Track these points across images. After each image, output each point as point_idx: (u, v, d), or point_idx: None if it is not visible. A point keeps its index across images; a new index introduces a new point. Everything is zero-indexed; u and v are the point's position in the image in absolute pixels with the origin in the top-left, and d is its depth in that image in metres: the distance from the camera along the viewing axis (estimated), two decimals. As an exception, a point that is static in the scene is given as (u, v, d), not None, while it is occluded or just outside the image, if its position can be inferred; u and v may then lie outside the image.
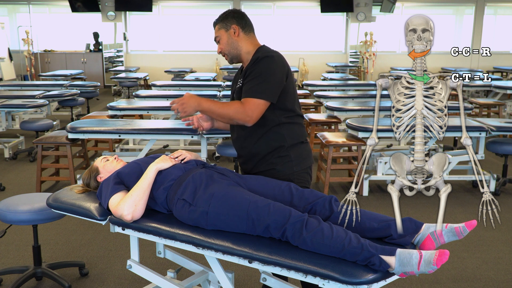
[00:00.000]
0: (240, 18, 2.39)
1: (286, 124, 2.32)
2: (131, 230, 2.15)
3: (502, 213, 2.20)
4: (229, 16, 2.38)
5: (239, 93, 2.33)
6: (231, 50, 2.39)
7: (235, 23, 2.37)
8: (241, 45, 2.38)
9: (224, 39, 2.38)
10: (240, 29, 2.37)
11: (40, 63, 13.49)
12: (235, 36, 2.37)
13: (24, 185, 5.09)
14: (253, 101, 2.20)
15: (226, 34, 2.38)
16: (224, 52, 2.41)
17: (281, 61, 2.29)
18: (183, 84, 8.26)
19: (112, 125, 4.64)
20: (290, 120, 2.33)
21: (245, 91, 2.24)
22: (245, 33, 2.39)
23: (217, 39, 2.41)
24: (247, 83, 2.25)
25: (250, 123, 2.22)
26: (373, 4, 13.24)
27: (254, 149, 2.34)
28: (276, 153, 2.32)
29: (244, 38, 2.38)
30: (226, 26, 2.37)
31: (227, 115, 2.23)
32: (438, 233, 1.83)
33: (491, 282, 3.17)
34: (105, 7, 13.19)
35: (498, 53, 13.95)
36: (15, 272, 3.09)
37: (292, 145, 2.33)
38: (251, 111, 2.19)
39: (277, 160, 2.32)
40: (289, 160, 2.32)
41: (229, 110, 2.22)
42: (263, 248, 1.85)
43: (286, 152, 2.32)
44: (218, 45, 2.43)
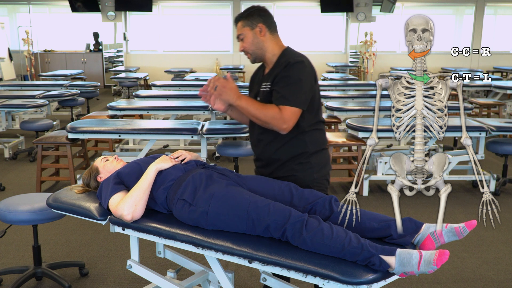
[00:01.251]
0: (266, 17, 2.27)
1: (310, 131, 2.26)
2: (131, 230, 2.15)
3: (502, 213, 2.20)
4: (254, 14, 2.26)
5: (267, 97, 2.23)
6: (255, 50, 2.28)
7: (262, 22, 2.25)
8: (267, 46, 2.27)
9: (248, 38, 2.26)
10: (266, 29, 2.26)
11: (40, 63, 13.49)
12: (261, 36, 2.26)
13: (24, 185, 5.08)
14: (291, 109, 2.13)
15: (251, 33, 2.26)
16: (248, 51, 2.30)
17: (310, 66, 2.23)
18: (183, 84, 8.25)
19: (112, 125, 4.64)
20: (314, 126, 2.27)
21: (280, 98, 2.14)
22: (271, 33, 2.28)
23: (240, 37, 2.29)
24: (280, 89, 2.16)
25: (286, 131, 2.16)
26: (373, 4, 13.24)
27: (275, 155, 2.28)
28: (297, 159, 2.26)
29: (270, 38, 2.28)
30: (251, 24, 2.25)
31: (263, 119, 2.15)
32: (438, 233, 1.83)
33: (491, 282, 3.17)
34: (105, 7, 13.19)
35: (498, 53, 13.95)
36: (15, 272, 3.09)
37: (314, 152, 2.27)
38: (289, 119, 2.12)
39: (298, 167, 2.26)
40: (309, 167, 2.26)
41: (267, 115, 2.14)
42: (263, 248, 1.85)
43: (307, 159, 2.26)
44: (241, 43, 2.30)
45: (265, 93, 2.25)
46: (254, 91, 2.38)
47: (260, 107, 2.16)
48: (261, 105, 2.18)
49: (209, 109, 5.76)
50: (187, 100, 6.34)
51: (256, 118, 2.18)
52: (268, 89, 2.24)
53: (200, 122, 4.83)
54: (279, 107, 2.14)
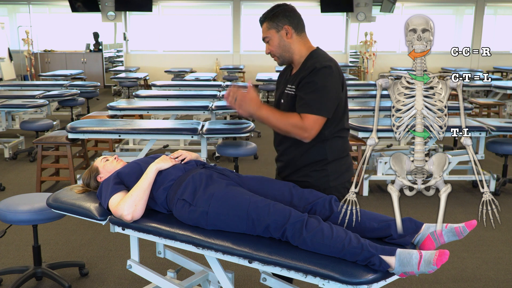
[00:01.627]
0: (292, 17, 2.16)
1: (331, 139, 2.18)
2: (131, 230, 2.15)
3: (502, 213, 2.20)
4: (280, 15, 2.15)
5: (290, 100, 2.18)
6: (282, 53, 2.20)
7: (288, 23, 2.15)
8: (294, 48, 2.18)
9: (275, 41, 2.18)
10: (293, 30, 2.16)
11: (40, 63, 13.49)
12: (287, 38, 2.16)
13: (24, 185, 5.08)
14: (313, 117, 2.05)
15: (277, 36, 2.16)
16: (275, 54, 2.21)
17: (338, 71, 2.12)
18: (183, 84, 8.26)
19: (112, 125, 4.64)
20: (336, 134, 2.19)
21: (303, 105, 2.07)
22: (298, 34, 2.19)
23: (266, 39, 2.20)
24: (304, 95, 2.08)
25: (308, 139, 2.09)
26: (373, 4, 13.24)
27: (293, 159, 2.24)
28: (314, 166, 2.20)
29: (297, 40, 2.18)
30: (277, 26, 2.16)
31: (285, 128, 2.08)
32: (438, 233, 1.83)
33: (491, 282, 3.17)
34: (105, 7, 13.19)
35: (498, 53, 13.94)
36: (15, 272, 3.09)
37: (333, 160, 2.20)
38: (311, 127, 2.05)
39: (313, 174, 2.21)
40: (325, 175, 2.20)
41: (288, 124, 2.07)
42: (263, 248, 1.85)
43: (324, 167, 2.19)
44: (267, 46, 2.21)
45: (289, 97, 2.19)
46: (279, 91, 2.32)
47: (281, 116, 2.09)
48: (282, 114, 2.10)
49: (209, 109, 5.76)
50: (187, 100, 6.35)
51: (278, 128, 2.12)
52: (292, 93, 2.17)
53: (200, 122, 4.83)
54: (301, 115, 2.06)
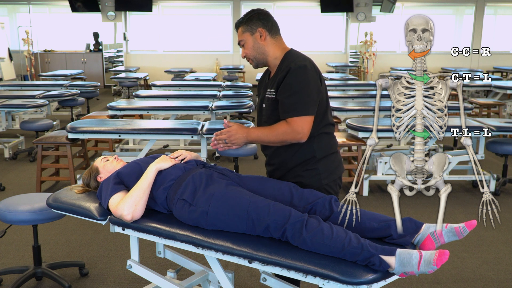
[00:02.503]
0: (266, 20, 2.22)
1: (318, 136, 2.20)
2: (131, 230, 2.15)
3: (502, 213, 2.20)
4: (253, 18, 2.21)
5: (271, 104, 2.21)
6: (257, 55, 2.24)
7: (261, 26, 2.20)
8: (268, 50, 2.23)
9: (249, 44, 2.22)
10: (266, 33, 2.21)
11: (40, 63, 13.49)
12: (261, 41, 2.21)
13: (24, 185, 5.08)
14: (299, 119, 2.09)
15: (252, 38, 2.21)
16: (249, 57, 2.26)
17: (313, 68, 2.15)
18: (183, 84, 8.26)
19: (112, 125, 4.64)
20: (322, 130, 2.21)
21: (287, 110, 2.11)
22: (272, 37, 2.23)
23: (241, 43, 2.25)
24: (285, 99, 2.11)
25: (303, 139, 2.12)
26: (373, 4, 13.24)
27: (284, 160, 2.25)
28: (305, 165, 2.22)
29: (271, 42, 2.22)
30: (251, 29, 2.21)
31: (278, 140, 2.13)
32: (438, 233, 1.83)
33: (491, 282, 3.17)
34: (105, 7, 13.19)
35: (498, 53, 13.95)
36: (15, 272, 3.09)
37: (322, 157, 2.22)
38: (301, 128, 2.09)
39: (305, 173, 2.22)
40: (316, 174, 2.22)
41: (279, 135, 2.12)
42: (263, 248, 1.85)
43: (315, 165, 2.21)
44: (243, 49, 2.26)
45: (270, 100, 2.22)
46: (260, 96, 2.36)
47: (269, 131, 2.14)
48: (269, 129, 2.15)
49: (209, 109, 5.76)
50: (187, 100, 6.35)
51: (272, 142, 2.17)
52: (273, 97, 2.19)
53: (200, 122, 4.83)
54: (287, 120, 2.11)
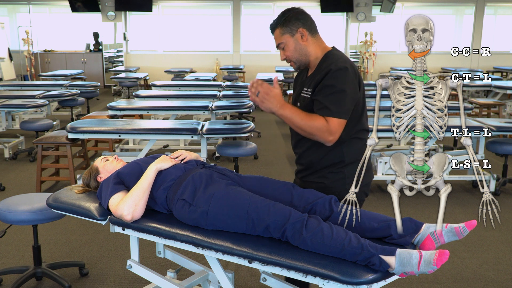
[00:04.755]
0: (305, 19, 2.13)
1: (349, 140, 2.12)
2: (131, 230, 2.15)
3: (502, 213, 2.20)
4: (292, 18, 2.12)
5: (307, 104, 2.12)
6: (299, 57, 2.14)
7: (302, 26, 2.11)
8: (310, 50, 2.13)
9: (290, 46, 2.13)
10: (307, 32, 2.12)
11: (40, 63, 13.49)
12: (303, 41, 2.12)
13: (24, 185, 5.08)
14: (336, 121, 2.00)
15: (293, 40, 2.12)
16: (291, 59, 2.16)
17: (354, 71, 2.07)
18: (183, 84, 8.26)
19: (112, 125, 4.64)
20: (354, 135, 2.14)
21: (323, 108, 2.01)
22: (312, 36, 2.14)
23: (281, 45, 2.15)
24: (322, 99, 2.03)
25: (331, 142, 2.03)
26: (373, 4, 13.24)
27: (312, 162, 2.19)
28: (331, 168, 2.15)
29: (312, 41, 2.14)
30: (291, 31, 2.11)
31: (309, 130, 2.01)
32: (438, 233, 1.83)
33: (491, 282, 3.17)
34: (105, 7, 13.19)
35: (498, 53, 13.95)
36: (15, 272, 3.09)
37: (350, 163, 2.14)
38: (335, 130, 2.00)
39: (330, 175, 2.16)
40: (341, 177, 2.15)
41: (312, 127, 2.00)
42: (263, 248, 1.85)
43: (341, 169, 2.14)
44: (282, 52, 2.16)
45: (306, 100, 2.14)
46: (295, 93, 2.29)
47: (306, 117, 2.02)
48: (307, 116, 2.03)
49: (209, 109, 5.75)
50: (187, 100, 6.35)
51: (301, 129, 2.04)
52: (308, 96, 2.12)
53: (200, 122, 4.84)
54: (325, 118, 2.01)
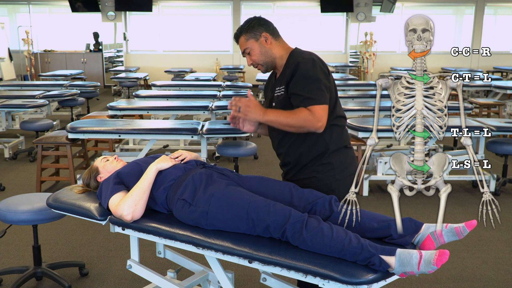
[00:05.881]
0: (267, 25, 2.26)
1: (329, 128, 2.16)
2: (131, 230, 2.15)
3: (502, 213, 2.20)
4: (255, 25, 2.24)
5: (282, 100, 2.19)
6: (265, 59, 2.26)
7: (264, 30, 2.24)
8: (275, 52, 2.25)
9: (256, 50, 2.24)
10: (270, 36, 2.24)
11: (40, 63, 13.49)
12: (267, 44, 2.24)
13: (24, 185, 5.08)
14: (319, 107, 2.07)
15: (257, 44, 2.24)
16: (258, 63, 2.27)
17: (320, 62, 2.17)
18: (183, 84, 8.26)
19: (112, 125, 4.64)
20: (332, 122, 2.19)
21: (304, 100, 2.09)
22: (275, 39, 2.26)
23: (246, 50, 2.27)
24: (299, 91, 2.10)
25: (321, 129, 2.09)
26: (373, 4, 13.24)
27: (300, 157, 2.22)
28: (319, 160, 2.20)
29: (275, 44, 2.26)
30: (255, 36, 2.23)
31: (297, 124, 2.08)
32: (438, 233, 1.83)
33: (491, 282, 3.17)
34: (105, 7, 13.19)
35: (498, 53, 13.95)
36: (15, 272, 3.09)
37: (335, 150, 2.20)
38: (321, 116, 2.06)
39: (319, 168, 2.20)
40: (331, 168, 2.19)
41: (299, 119, 2.07)
42: (263, 248, 1.85)
43: (328, 159, 2.19)
44: (249, 57, 2.28)
45: (280, 97, 2.21)
46: (268, 99, 2.35)
47: (290, 114, 2.10)
48: (290, 112, 2.11)
49: (209, 109, 5.75)
50: (187, 100, 6.35)
51: (290, 125, 2.11)
52: (282, 93, 2.19)
53: (200, 122, 4.84)
54: (308, 108, 2.08)
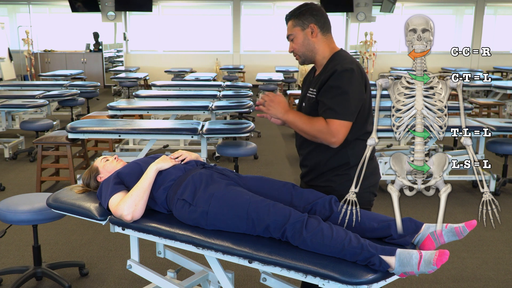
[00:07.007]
0: (319, 16, 2.13)
1: (353, 142, 2.12)
2: (131, 230, 2.15)
3: (502, 213, 2.20)
4: (306, 13, 2.12)
5: (311, 104, 2.14)
6: (305, 52, 2.17)
7: (314, 22, 2.12)
8: (318, 48, 2.15)
9: (299, 39, 2.15)
10: (318, 29, 2.13)
11: (40, 63, 13.49)
12: (312, 37, 2.13)
13: (24, 185, 5.08)
14: (338, 122, 2.00)
15: (302, 34, 2.14)
16: (297, 53, 2.19)
17: (360, 73, 2.07)
18: (183, 84, 8.26)
19: (112, 125, 4.64)
20: (359, 138, 2.12)
21: (326, 110, 2.03)
22: (323, 34, 2.15)
23: (290, 37, 2.17)
24: (326, 100, 2.04)
25: (336, 144, 2.04)
26: (373, 4, 13.24)
27: (317, 164, 2.19)
28: (337, 170, 2.15)
29: (321, 39, 2.15)
30: (302, 24, 2.13)
31: (311, 133, 2.05)
32: (438, 233, 1.83)
33: (491, 282, 3.17)
34: (105, 7, 13.19)
35: (498, 53, 13.95)
36: (15, 272, 3.09)
37: (356, 165, 2.09)
38: (337, 132, 2.00)
39: (335, 178, 2.16)
40: (347, 179, 2.09)
41: (314, 129, 2.03)
42: (263, 248, 1.85)
43: (347, 171, 2.14)
44: (291, 44, 2.19)
45: (311, 100, 2.16)
46: (302, 93, 2.31)
47: (307, 121, 2.07)
48: (308, 119, 2.07)
49: (209, 109, 5.75)
50: (187, 100, 6.35)
51: (304, 132, 2.08)
52: (313, 97, 2.14)
53: (200, 122, 4.84)
54: (326, 120, 2.02)
